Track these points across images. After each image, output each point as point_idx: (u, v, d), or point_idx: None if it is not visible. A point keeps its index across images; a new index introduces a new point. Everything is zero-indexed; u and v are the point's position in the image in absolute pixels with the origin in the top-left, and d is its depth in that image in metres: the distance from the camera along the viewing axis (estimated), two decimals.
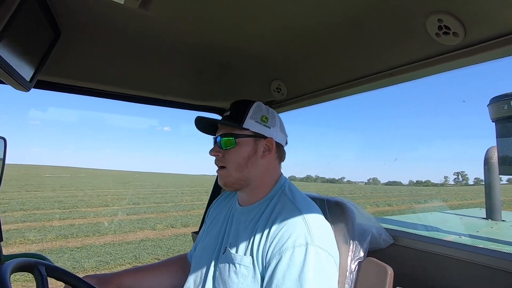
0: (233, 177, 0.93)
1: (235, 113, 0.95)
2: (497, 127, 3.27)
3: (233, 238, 0.91)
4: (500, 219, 3.78)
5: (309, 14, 0.84)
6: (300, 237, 0.77)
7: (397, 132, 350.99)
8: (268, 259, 0.79)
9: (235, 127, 0.93)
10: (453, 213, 4.89)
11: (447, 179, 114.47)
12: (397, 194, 28.92)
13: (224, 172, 0.94)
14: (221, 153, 0.94)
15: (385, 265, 0.92)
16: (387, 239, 1.15)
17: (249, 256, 0.83)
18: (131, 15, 0.87)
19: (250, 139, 0.93)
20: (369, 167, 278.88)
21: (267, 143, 0.94)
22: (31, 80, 0.89)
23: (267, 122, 0.95)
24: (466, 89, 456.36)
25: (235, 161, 0.92)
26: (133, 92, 1.41)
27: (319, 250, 0.76)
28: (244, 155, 0.92)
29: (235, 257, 0.85)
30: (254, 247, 0.83)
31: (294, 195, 0.92)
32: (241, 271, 0.82)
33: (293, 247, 0.76)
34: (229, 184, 0.94)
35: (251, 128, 0.92)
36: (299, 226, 0.80)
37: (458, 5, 0.69)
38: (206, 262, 0.94)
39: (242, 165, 0.92)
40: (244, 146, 0.92)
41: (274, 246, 0.78)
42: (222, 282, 0.84)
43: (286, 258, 0.75)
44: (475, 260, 0.98)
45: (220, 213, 1.07)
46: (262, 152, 0.94)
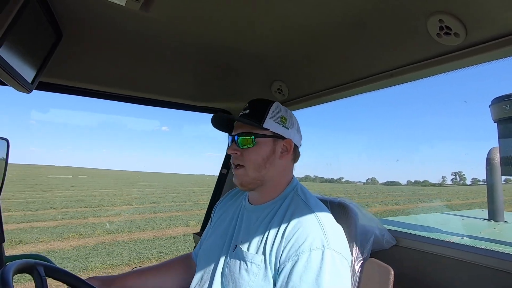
0: (250, 177, 0.92)
1: (254, 112, 0.93)
2: (499, 128, 3.26)
3: (244, 236, 0.91)
4: (503, 220, 3.76)
5: (310, 14, 0.84)
6: (316, 240, 0.77)
7: (394, 132, 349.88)
8: (282, 260, 0.79)
9: (255, 127, 0.92)
10: (455, 214, 4.87)
11: (445, 179, 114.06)
12: (401, 194, 29.01)
13: (241, 171, 0.92)
14: (240, 152, 0.92)
15: (387, 266, 0.92)
16: (390, 240, 1.14)
17: (261, 254, 0.83)
18: (132, 16, 0.87)
19: (270, 139, 0.93)
20: (367, 167, 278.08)
21: (285, 144, 0.95)
22: (33, 81, 0.89)
23: (286, 123, 0.95)
24: (467, 90, 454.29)
25: (253, 160, 0.91)
26: (134, 93, 1.41)
27: (334, 254, 0.77)
28: (263, 155, 0.92)
29: (247, 255, 0.84)
30: (267, 246, 0.83)
31: (306, 197, 0.92)
32: (252, 269, 0.82)
33: (309, 250, 0.76)
34: (245, 184, 0.93)
35: (271, 128, 0.92)
36: (315, 229, 0.80)
37: (459, 5, 0.69)
38: (214, 259, 0.94)
39: (261, 165, 0.91)
40: (263, 146, 0.92)
41: (290, 248, 0.78)
42: (232, 279, 0.84)
43: (302, 261, 0.75)
44: (478, 262, 0.98)
45: (227, 212, 1.07)
46: (280, 152, 0.94)
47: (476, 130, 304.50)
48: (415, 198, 23.86)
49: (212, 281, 0.90)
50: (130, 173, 73.52)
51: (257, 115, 0.92)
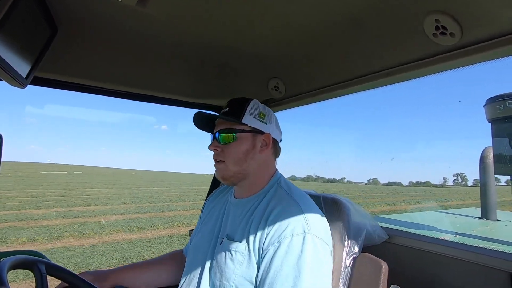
0: (231, 171, 0.95)
1: (233, 109, 0.97)
2: (493, 128, 3.30)
3: (229, 229, 0.94)
4: (495, 219, 3.81)
5: (307, 13, 0.84)
6: (298, 226, 0.80)
7: (395, 132, 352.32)
8: (265, 246, 0.81)
9: (234, 122, 0.95)
10: (448, 212, 4.93)
11: (446, 180, 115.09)
12: (414, 194, 29.50)
13: (222, 166, 0.96)
14: (220, 148, 0.96)
15: (380, 260, 0.93)
16: (381, 235, 1.16)
17: (245, 243, 0.86)
18: (129, 12, 0.86)
19: (249, 134, 0.96)
20: (368, 168, 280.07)
21: (264, 138, 0.98)
22: (27, 76, 0.88)
23: (264, 119, 0.98)
24: (465, 89, 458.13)
25: (234, 155, 0.94)
26: (131, 89, 1.40)
27: (315, 239, 0.80)
28: (243, 149, 0.95)
29: (231, 245, 0.87)
30: (251, 234, 0.86)
31: (290, 188, 0.95)
32: (237, 258, 0.85)
33: (291, 235, 0.79)
34: (227, 177, 0.97)
35: (249, 124, 0.95)
36: (297, 216, 0.83)
37: (455, 5, 0.70)
38: (203, 253, 0.97)
39: (242, 159, 0.94)
40: (243, 141, 0.95)
41: (273, 234, 0.81)
42: (219, 270, 0.87)
43: (284, 245, 0.78)
44: (469, 259, 0.99)
45: (215, 207, 1.09)
46: (260, 147, 0.97)
47: (476, 130, 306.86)
48: (429, 198, 24.42)
49: (201, 275, 0.92)
50: (135, 172, 73.39)
51: (236, 112, 0.96)
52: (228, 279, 0.84)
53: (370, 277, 0.92)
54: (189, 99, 1.57)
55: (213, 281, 0.88)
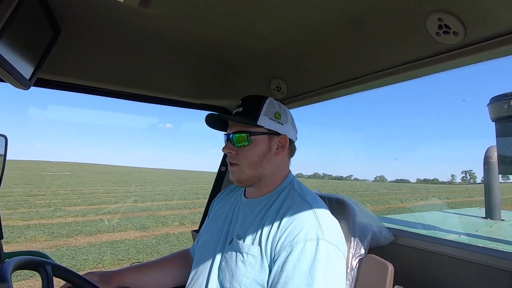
0: (247, 175, 0.92)
1: (248, 110, 0.93)
2: (497, 127, 3.27)
3: (240, 229, 0.91)
4: (500, 219, 3.79)
5: (309, 13, 0.84)
6: (311, 231, 0.78)
7: (402, 131, 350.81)
8: (277, 250, 0.79)
9: (249, 124, 0.91)
10: (452, 212, 4.90)
11: (454, 178, 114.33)
12: (426, 191, 29.63)
13: (237, 169, 0.92)
14: (235, 151, 0.92)
15: (386, 261, 0.92)
16: (387, 237, 1.15)
17: (257, 245, 0.83)
18: (132, 12, 0.87)
19: (265, 136, 0.92)
20: (375, 165, 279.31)
21: (280, 140, 0.94)
22: (31, 78, 0.88)
23: (280, 119, 0.94)
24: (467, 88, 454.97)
25: (249, 159, 0.91)
26: (134, 90, 1.41)
27: (329, 245, 0.77)
28: (258, 152, 0.91)
29: (243, 247, 0.85)
30: (263, 237, 0.83)
31: (303, 191, 0.93)
32: (249, 260, 0.82)
33: (304, 240, 0.77)
34: (242, 181, 0.94)
35: (265, 125, 0.91)
36: (310, 221, 0.80)
37: (458, 4, 0.69)
38: (211, 253, 0.94)
39: (257, 163, 0.91)
40: (259, 144, 0.92)
41: (285, 239, 0.79)
42: (229, 272, 0.85)
43: (297, 251, 0.76)
44: (474, 259, 0.98)
45: (223, 207, 1.07)
46: (276, 149, 0.94)
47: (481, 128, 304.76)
48: (444, 195, 24.43)
49: (209, 275, 0.90)
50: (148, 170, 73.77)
51: (250, 112, 0.92)
52: (239, 282, 0.81)
53: (376, 279, 0.92)
54: (192, 100, 1.57)
55: (222, 282, 0.86)
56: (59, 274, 0.88)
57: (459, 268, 1.02)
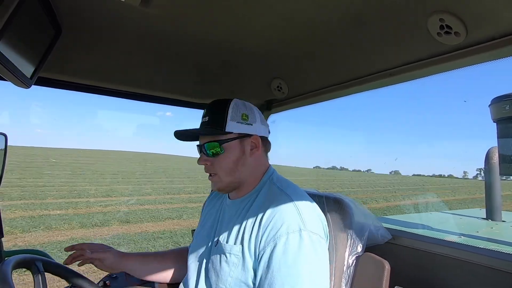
0: (225, 182, 0.93)
1: (214, 118, 0.92)
2: (498, 128, 3.26)
3: (224, 230, 0.93)
4: (500, 220, 3.77)
5: (310, 13, 0.83)
6: (293, 224, 0.79)
7: (414, 129, 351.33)
8: (262, 247, 0.80)
9: (218, 134, 0.91)
10: (453, 213, 4.89)
11: (466, 174, 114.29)
12: (450, 188, 29.94)
13: (216, 179, 0.94)
14: (210, 161, 0.93)
15: (383, 260, 0.92)
16: (384, 235, 1.15)
17: (239, 244, 0.84)
18: (133, 12, 0.87)
19: (236, 142, 0.92)
20: (389, 161, 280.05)
21: (253, 140, 0.94)
22: (32, 77, 0.89)
23: (248, 120, 0.93)
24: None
25: (225, 166, 0.92)
26: (134, 89, 1.41)
27: (312, 235, 0.78)
28: (233, 159, 0.91)
29: (225, 247, 0.86)
30: (245, 236, 0.84)
31: (282, 184, 0.93)
32: (232, 260, 0.84)
33: (287, 233, 0.77)
34: (222, 189, 0.95)
35: (234, 130, 0.91)
36: (291, 213, 0.81)
37: (460, 5, 0.69)
38: (199, 257, 0.97)
39: (233, 169, 0.92)
40: (231, 150, 0.91)
41: (268, 234, 0.79)
42: (214, 273, 0.86)
43: (281, 244, 0.77)
44: (472, 260, 0.98)
45: (213, 209, 1.09)
46: (250, 150, 0.94)
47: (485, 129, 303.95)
48: (467, 191, 24.85)
49: (198, 277, 0.93)
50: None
51: (217, 120, 0.91)
52: (224, 282, 0.83)
53: (373, 277, 0.92)
54: (192, 99, 1.57)
55: (209, 284, 0.88)
56: (53, 270, 0.88)
57: (458, 268, 1.02)
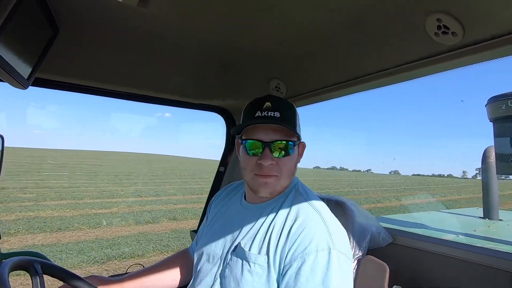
0: (283, 186, 0.89)
1: (287, 117, 0.86)
2: (494, 127, 3.27)
3: (245, 235, 0.88)
4: (497, 219, 3.79)
5: (309, 13, 0.84)
6: (322, 241, 0.77)
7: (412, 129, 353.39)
8: (288, 261, 0.77)
9: (292, 133, 0.86)
10: (450, 212, 4.91)
11: (465, 174, 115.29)
12: (454, 187, 30.15)
13: (273, 181, 0.86)
14: (275, 161, 0.85)
15: (383, 263, 0.93)
16: (386, 238, 1.15)
17: (265, 255, 0.81)
18: (130, 12, 0.86)
19: (297, 145, 0.90)
20: (389, 161, 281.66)
21: (302, 146, 0.94)
22: (29, 77, 0.88)
23: (299, 125, 0.92)
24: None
25: (289, 169, 0.88)
26: (132, 90, 1.40)
27: (340, 255, 0.77)
28: (294, 163, 0.90)
29: (250, 256, 0.83)
30: (271, 246, 0.81)
31: (308, 195, 0.91)
32: (256, 270, 0.80)
33: (316, 251, 0.75)
34: (276, 193, 0.89)
35: (299, 134, 0.89)
36: (320, 230, 0.79)
37: (457, 5, 0.69)
38: (212, 259, 0.92)
39: (293, 173, 0.90)
40: (295, 153, 0.90)
41: (296, 249, 0.77)
42: (234, 280, 0.82)
43: (309, 262, 0.75)
44: (472, 259, 0.99)
45: (223, 209, 1.05)
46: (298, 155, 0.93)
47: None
48: (472, 190, 24.89)
49: (213, 282, 0.87)
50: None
51: (290, 120, 0.87)
52: None
53: (374, 280, 0.92)
54: (191, 100, 1.57)
55: None
56: (51, 272, 0.87)
57: (457, 267, 1.02)
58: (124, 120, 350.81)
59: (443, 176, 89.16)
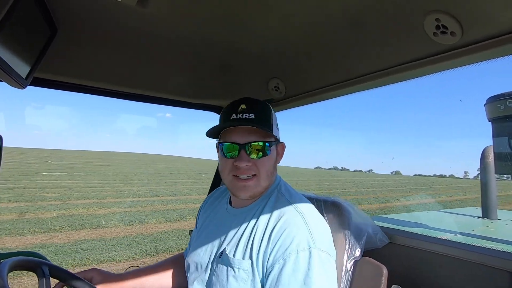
0: (262, 187, 0.89)
1: (262, 117, 0.86)
2: (493, 127, 3.29)
3: (229, 242, 0.89)
4: (496, 218, 3.80)
5: (307, 13, 0.84)
6: (302, 241, 0.77)
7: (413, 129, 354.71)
8: (270, 263, 0.78)
9: (267, 134, 0.86)
10: (448, 212, 4.92)
11: (467, 174, 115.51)
12: (458, 187, 30.54)
13: (254, 182, 0.86)
14: (252, 162, 0.86)
15: (380, 264, 0.93)
16: (382, 239, 1.15)
17: (248, 259, 0.82)
18: (129, 12, 0.86)
19: (274, 146, 0.90)
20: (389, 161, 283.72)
21: (280, 147, 0.94)
22: (27, 77, 0.88)
23: (277, 125, 0.93)
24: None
25: (268, 169, 0.87)
26: (130, 90, 1.40)
27: (321, 253, 0.77)
28: (272, 163, 0.90)
29: (233, 261, 0.83)
30: (254, 250, 0.81)
31: (291, 196, 0.91)
32: (240, 275, 0.81)
33: (296, 251, 0.76)
34: (256, 195, 0.89)
35: (276, 134, 0.89)
36: (301, 230, 0.79)
37: (455, 5, 0.69)
38: (200, 267, 0.93)
39: (272, 173, 0.90)
40: (273, 153, 0.90)
41: (277, 251, 0.77)
42: (220, 286, 0.83)
43: (290, 263, 0.75)
44: (470, 258, 0.99)
45: (210, 216, 1.05)
46: (276, 156, 0.93)
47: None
48: (477, 191, 25.48)
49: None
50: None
51: (265, 120, 0.87)
52: None
53: (371, 282, 0.92)
54: (190, 100, 1.57)
55: None
56: (57, 274, 0.88)
57: (455, 267, 1.02)
58: (125, 121, 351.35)
59: (444, 177, 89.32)
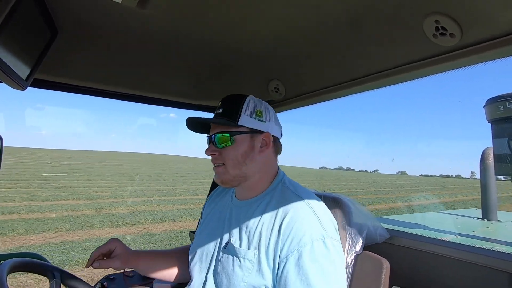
0: (231, 175, 0.92)
1: (228, 110, 0.92)
2: (493, 128, 3.29)
3: (235, 232, 0.91)
4: (496, 219, 3.80)
5: (307, 14, 0.84)
6: (315, 231, 0.79)
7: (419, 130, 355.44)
8: (284, 255, 0.79)
9: (229, 125, 0.91)
10: (449, 213, 4.92)
11: (474, 174, 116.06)
12: (470, 187, 30.58)
13: (221, 169, 0.92)
14: (218, 152, 0.92)
15: (381, 258, 0.93)
16: (383, 234, 1.16)
17: (254, 250, 0.83)
18: (129, 13, 0.86)
19: (247, 136, 0.92)
20: (397, 161, 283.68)
21: (264, 138, 0.94)
22: (28, 78, 0.88)
23: (262, 117, 0.93)
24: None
25: (233, 158, 0.91)
26: (131, 91, 1.40)
27: (333, 241, 0.80)
28: (241, 152, 0.91)
29: (239, 251, 0.85)
30: (262, 241, 0.83)
31: (296, 188, 0.93)
32: (246, 265, 0.82)
33: (311, 241, 0.78)
34: (226, 181, 0.94)
35: (246, 125, 0.91)
36: (312, 220, 0.81)
37: (455, 6, 0.70)
38: (205, 258, 0.95)
39: (241, 162, 0.91)
40: (241, 143, 0.91)
41: (291, 243, 0.79)
42: (226, 276, 0.85)
43: (306, 253, 0.77)
44: (469, 259, 0.99)
45: (215, 209, 1.07)
46: (260, 147, 0.93)
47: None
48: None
49: (205, 280, 0.90)
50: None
51: (231, 112, 0.91)
52: (236, 287, 0.81)
53: (372, 275, 0.92)
54: (189, 101, 1.57)
55: (219, 287, 0.86)
56: (69, 282, 0.89)
57: (455, 268, 1.02)
58: (126, 121, 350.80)
59: (451, 177, 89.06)
